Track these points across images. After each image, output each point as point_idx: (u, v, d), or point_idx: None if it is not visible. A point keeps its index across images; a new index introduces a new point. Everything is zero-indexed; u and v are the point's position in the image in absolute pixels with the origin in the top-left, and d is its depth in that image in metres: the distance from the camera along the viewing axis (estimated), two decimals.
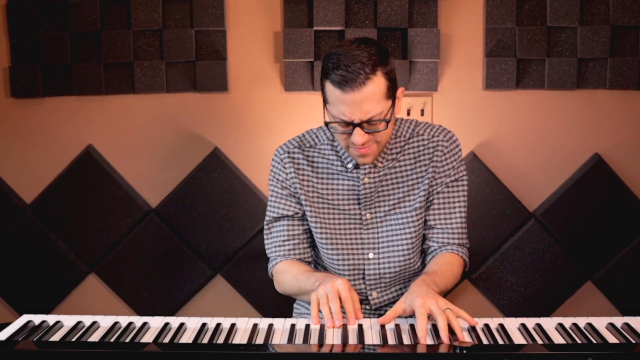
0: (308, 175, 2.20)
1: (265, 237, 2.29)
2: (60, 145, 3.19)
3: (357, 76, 1.89)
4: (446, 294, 2.22)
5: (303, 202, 2.20)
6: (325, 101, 2.01)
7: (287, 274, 2.18)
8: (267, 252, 2.28)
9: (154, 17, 3.08)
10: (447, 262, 2.16)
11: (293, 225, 2.23)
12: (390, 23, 3.05)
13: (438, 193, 2.19)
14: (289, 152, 2.22)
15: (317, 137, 2.24)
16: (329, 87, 1.94)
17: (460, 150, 2.22)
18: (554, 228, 3.16)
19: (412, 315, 1.87)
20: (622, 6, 3.03)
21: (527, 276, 3.19)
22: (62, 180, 3.20)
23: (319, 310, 1.87)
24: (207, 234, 3.19)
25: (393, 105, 2.00)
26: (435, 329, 1.82)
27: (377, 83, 1.92)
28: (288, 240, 2.23)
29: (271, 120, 3.14)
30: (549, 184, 3.17)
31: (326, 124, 2.02)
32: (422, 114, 3.10)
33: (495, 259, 3.18)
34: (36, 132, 3.19)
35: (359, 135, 1.96)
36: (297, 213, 2.22)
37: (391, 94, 1.98)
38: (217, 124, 3.16)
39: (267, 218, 2.27)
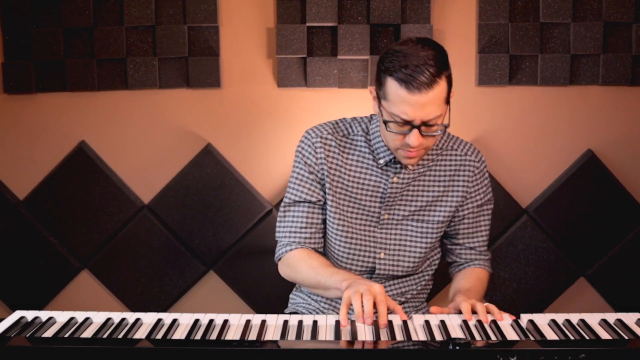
0: (337, 164, 2.18)
1: (279, 218, 2.25)
2: (53, 141, 3.19)
3: (425, 78, 1.87)
4: None
5: (327, 190, 2.18)
6: (382, 97, 1.98)
7: (303, 263, 2.15)
8: (279, 234, 2.24)
9: (146, 13, 3.08)
10: (476, 278, 2.26)
11: (313, 212, 2.21)
12: (383, 19, 3.05)
13: (469, 213, 2.25)
14: (322, 137, 2.19)
15: (351, 127, 2.22)
16: (392, 84, 1.91)
17: (487, 170, 2.29)
18: (546, 224, 3.16)
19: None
20: (614, 2, 3.03)
21: (520, 272, 3.19)
22: (54, 177, 3.20)
23: (349, 311, 1.84)
24: (200, 230, 3.19)
25: (449, 110, 2.01)
26: (428, 325, 1.83)
27: (442, 87, 1.91)
28: (306, 227, 2.20)
29: (264, 116, 3.14)
30: (541, 180, 3.17)
31: (385, 122, 1.98)
32: None
33: None
34: (29, 128, 3.19)
35: (415, 137, 1.95)
36: (319, 200, 2.20)
37: (449, 98, 1.98)
38: (210, 120, 3.16)
39: (286, 200, 2.23)
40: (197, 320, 1.87)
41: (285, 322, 1.86)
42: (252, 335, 1.78)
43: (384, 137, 2.11)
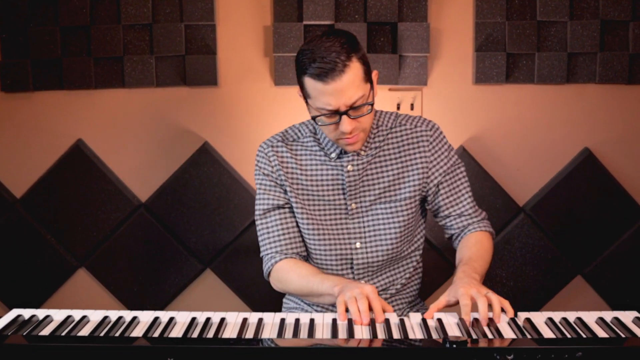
0: (292, 168, 2.21)
1: (259, 233, 2.27)
2: (50, 139, 3.19)
3: (335, 65, 1.92)
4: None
5: (289, 194, 2.20)
6: (306, 97, 2.03)
7: (292, 272, 2.16)
8: (263, 249, 2.26)
9: (143, 11, 3.08)
10: (476, 242, 2.23)
11: (285, 217, 2.23)
12: (380, 17, 3.05)
13: (441, 183, 2.24)
14: (272, 146, 2.24)
15: (299, 131, 2.26)
16: (308, 82, 1.97)
17: (444, 137, 2.25)
18: (543, 222, 3.16)
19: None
20: (611, 1, 3.04)
21: (516, 270, 3.20)
22: (51, 175, 3.20)
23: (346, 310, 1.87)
24: (196, 229, 3.19)
25: (372, 88, 2.04)
26: (425, 323, 1.83)
27: (354, 68, 1.95)
28: (283, 234, 2.22)
29: (261, 115, 3.14)
30: (538, 178, 3.17)
31: (313, 118, 2.03)
32: (412, 109, 3.10)
33: None
34: (26, 127, 3.19)
35: (346, 123, 1.99)
36: (287, 203, 2.23)
37: (368, 77, 2.02)
38: (206, 118, 3.16)
39: (258, 212, 2.26)
40: (194, 319, 1.87)
41: (282, 321, 1.85)
42: (249, 334, 1.78)
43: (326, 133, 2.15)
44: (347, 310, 1.86)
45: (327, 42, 1.95)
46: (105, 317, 1.88)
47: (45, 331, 1.81)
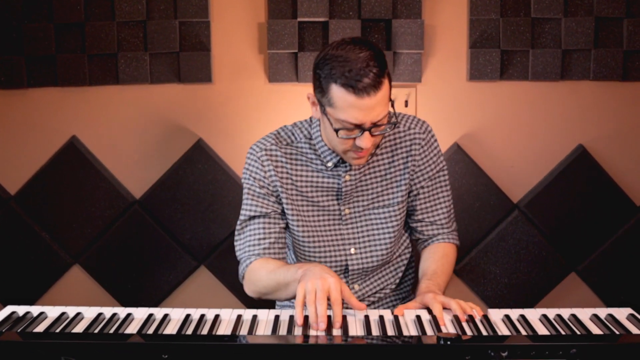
0: (287, 172, 2.15)
1: (236, 238, 2.19)
2: (44, 136, 3.18)
3: (373, 81, 1.83)
4: None
5: (283, 200, 2.14)
6: (326, 104, 1.92)
7: (261, 270, 2.07)
8: (238, 253, 2.17)
9: (137, 8, 3.08)
10: (442, 255, 2.21)
11: (270, 223, 2.14)
12: (374, 14, 3.05)
13: (422, 187, 2.20)
14: (266, 150, 2.15)
15: (292, 134, 2.18)
16: (337, 91, 1.87)
17: (436, 140, 2.22)
18: (538, 219, 3.17)
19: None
20: None
21: (511, 267, 3.20)
22: (46, 172, 3.19)
23: (304, 307, 1.80)
24: (191, 225, 3.19)
25: (392, 105, 1.97)
26: (419, 320, 1.83)
27: (386, 85, 1.88)
28: (264, 238, 2.13)
29: (255, 112, 3.14)
30: (533, 175, 3.17)
31: (335, 130, 1.93)
32: (407, 105, 3.10)
33: (479, 250, 3.18)
34: (20, 123, 3.18)
35: (367, 140, 1.92)
36: (274, 211, 2.15)
37: (390, 95, 1.95)
38: (201, 115, 3.16)
39: (241, 217, 2.18)
40: (188, 315, 1.88)
41: (277, 317, 1.86)
42: (244, 330, 1.79)
43: (328, 142, 2.08)
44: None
45: (361, 52, 1.86)
46: (100, 314, 1.89)
47: (40, 328, 1.81)
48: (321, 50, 1.96)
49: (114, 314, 1.89)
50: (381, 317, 1.84)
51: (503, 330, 1.77)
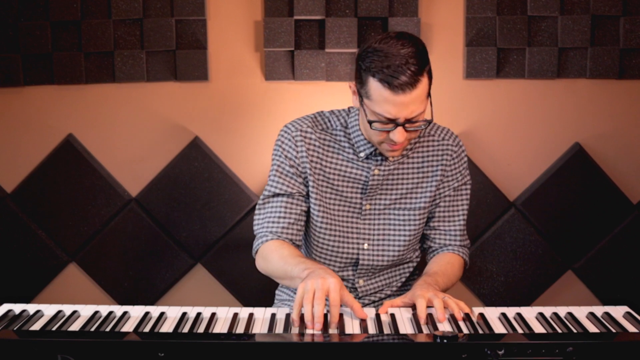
0: (318, 157, 2.17)
1: (257, 212, 2.22)
2: (40, 134, 3.18)
3: (409, 78, 1.86)
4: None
5: (310, 183, 2.16)
6: (364, 95, 1.96)
7: (275, 253, 2.09)
8: (256, 227, 2.20)
9: (134, 6, 3.08)
10: (447, 262, 2.22)
11: (292, 203, 2.17)
12: (371, 12, 3.04)
13: (445, 197, 2.24)
14: (301, 130, 2.18)
15: (329, 121, 2.21)
16: (374, 85, 1.90)
17: (466, 155, 2.28)
18: (534, 217, 3.17)
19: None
20: None
21: (507, 265, 3.20)
22: (42, 170, 3.19)
23: (302, 306, 1.80)
24: (187, 223, 3.19)
25: (430, 102, 2.00)
26: (415, 318, 1.83)
27: (424, 84, 1.91)
28: (284, 217, 2.15)
29: (251, 110, 3.14)
30: (529, 173, 3.17)
31: (369, 122, 1.96)
32: None
33: (475, 248, 3.18)
34: (16, 121, 3.18)
35: (400, 134, 1.95)
36: (299, 192, 2.18)
37: (429, 92, 1.97)
38: (197, 113, 3.16)
39: (265, 192, 2.20)
40: (184, 314, 1.88)
41: (273, 316, 1.87)
42: (240, 329, 1.79)
43: (365, 132, 2.11)
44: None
45: (403, 49, 1.88)
46: (96, 312, 1.89)
47: (36, 326, 1.81)
48: (365, 42, 1.98)
49: (111, 312, 1.89)
50: (377, 316, 1.85)
51: (500, 328, 1.78)
